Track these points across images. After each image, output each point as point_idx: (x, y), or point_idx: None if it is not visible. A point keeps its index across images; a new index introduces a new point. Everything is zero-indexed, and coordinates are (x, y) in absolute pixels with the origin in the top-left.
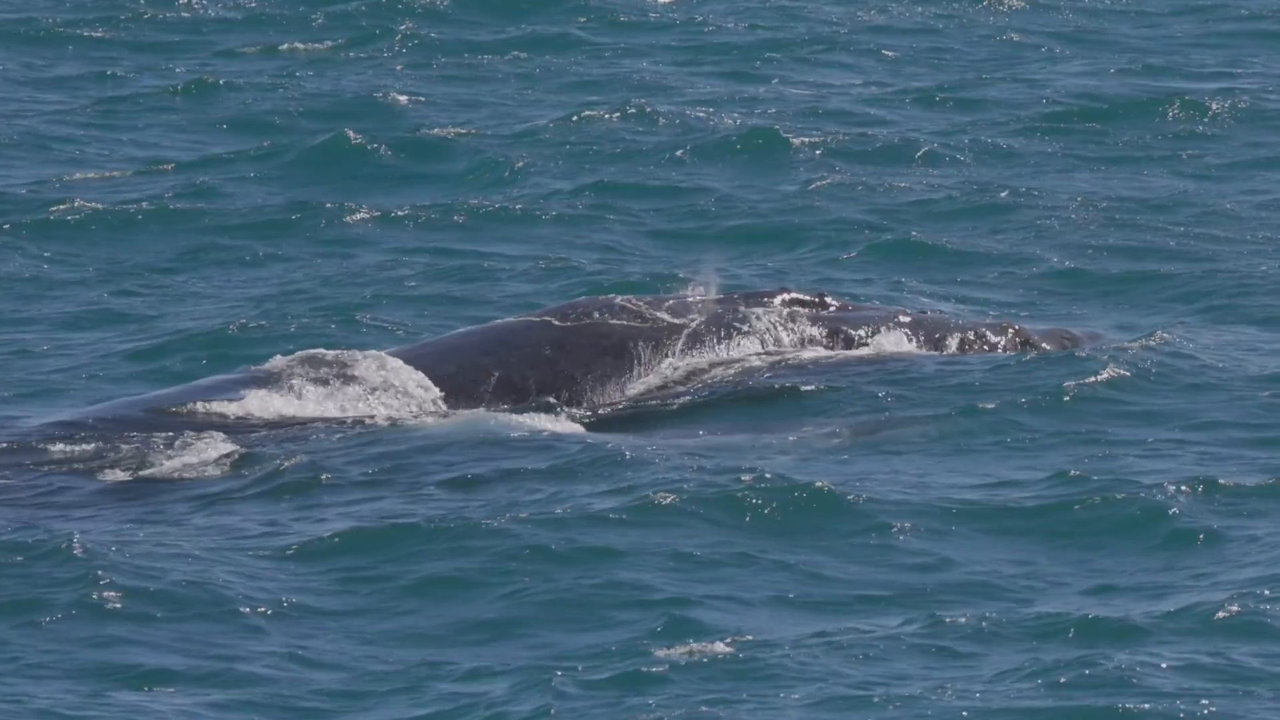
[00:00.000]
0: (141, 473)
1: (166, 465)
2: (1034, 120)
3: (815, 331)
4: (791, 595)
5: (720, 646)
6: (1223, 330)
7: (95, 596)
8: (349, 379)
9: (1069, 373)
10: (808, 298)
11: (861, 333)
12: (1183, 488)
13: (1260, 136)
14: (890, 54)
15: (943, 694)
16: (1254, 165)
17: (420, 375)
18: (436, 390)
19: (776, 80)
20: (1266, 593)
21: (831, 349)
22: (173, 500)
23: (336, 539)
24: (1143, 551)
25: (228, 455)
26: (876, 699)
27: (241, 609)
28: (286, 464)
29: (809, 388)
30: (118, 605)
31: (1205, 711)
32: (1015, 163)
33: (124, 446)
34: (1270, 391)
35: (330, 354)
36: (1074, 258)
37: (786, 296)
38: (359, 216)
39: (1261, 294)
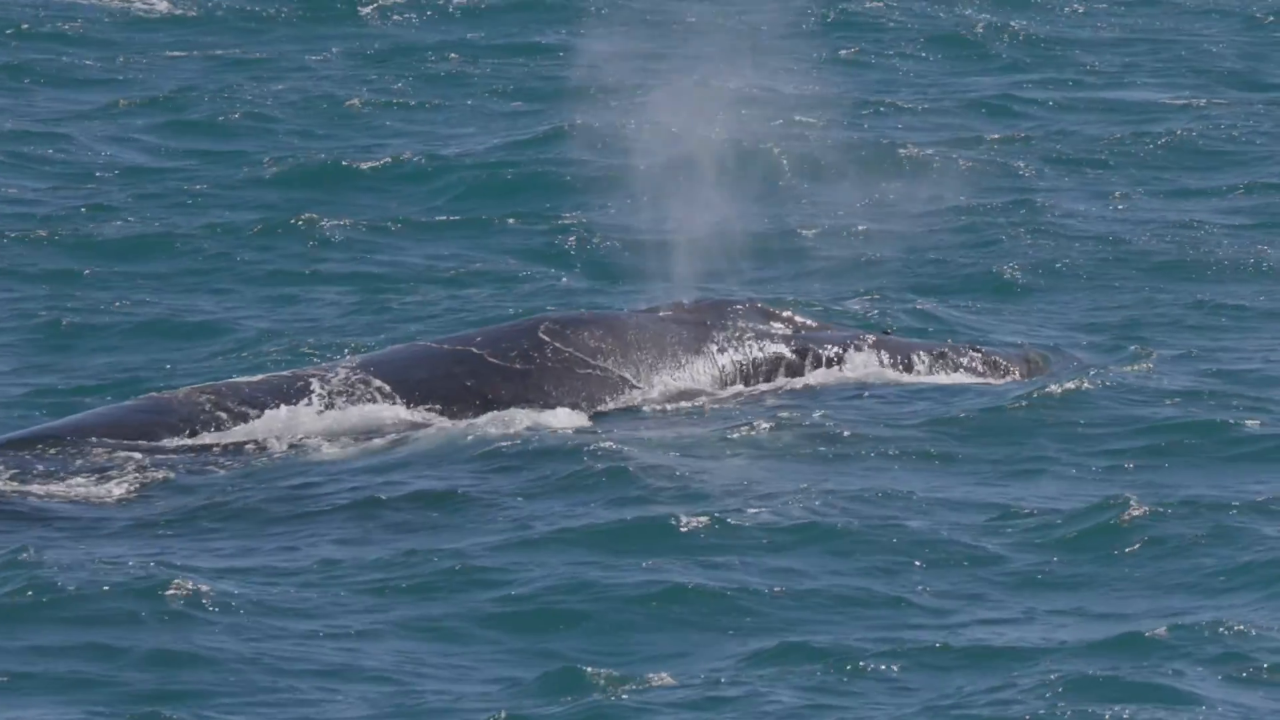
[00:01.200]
0: (101, 493)
1: (113, 486)
2: (1004, 135)
3: (779, 349)
4: (740, 621)
5: (664, 677)
6: (1191, 348)
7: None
8: (313, 387)
9: (1016, 396)
10: (775, 313)
11: (824, 353)
12: (1144, 507)
13: (1237, 147)
14: (861, 60)
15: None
16: (1230, 185)
17: (385, 384)
18: (400, 399)
19: (747, 88)
20: (1204, 618)
21: (793, 367)
22: (131, 520)
23: (284, 554)
24: (1076, 569)
25: (180, 471)
26: None
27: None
28: (237, 480)
29: (767, 409)
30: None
31: None
32: (984, 178)
33: (73, 465)
34: (1232, 411)
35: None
36: (1036, 275)
37: (756, 307)
38: (305, 231)
39: (1232, 312)
